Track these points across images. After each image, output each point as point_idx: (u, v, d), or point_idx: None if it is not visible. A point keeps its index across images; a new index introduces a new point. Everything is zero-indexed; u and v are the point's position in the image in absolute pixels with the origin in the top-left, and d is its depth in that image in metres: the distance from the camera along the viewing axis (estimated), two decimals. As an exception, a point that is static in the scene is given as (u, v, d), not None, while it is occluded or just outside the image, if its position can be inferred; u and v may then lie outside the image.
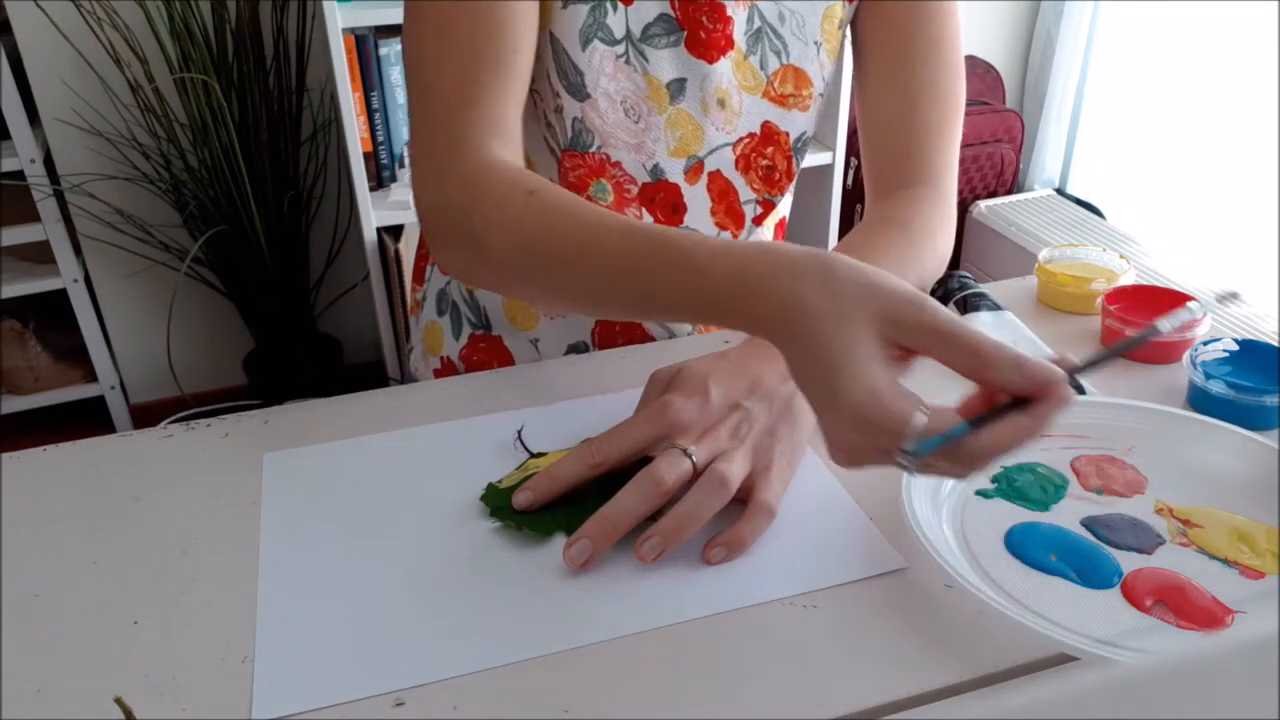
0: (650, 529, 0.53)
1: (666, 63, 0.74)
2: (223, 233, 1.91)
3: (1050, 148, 2.41)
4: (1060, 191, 2.40)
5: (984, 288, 0.77)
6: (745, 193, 0.81)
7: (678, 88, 0.75)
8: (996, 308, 0.74)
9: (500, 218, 0.60)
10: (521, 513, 0.56)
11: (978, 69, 2.36)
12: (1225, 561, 0.52)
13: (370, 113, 1.88)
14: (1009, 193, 2.38)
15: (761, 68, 0.77)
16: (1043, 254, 0.82)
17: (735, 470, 0.55)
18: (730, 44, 0.76)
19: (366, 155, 1.91)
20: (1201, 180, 2.08)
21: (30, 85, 1.88)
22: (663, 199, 0.79)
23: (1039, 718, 0.23)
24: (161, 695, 0.47)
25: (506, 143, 0.64)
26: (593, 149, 0.76)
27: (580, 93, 0.74)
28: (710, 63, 0.75)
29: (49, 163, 1.93)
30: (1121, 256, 0.81)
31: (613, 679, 0.47)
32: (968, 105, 2.27)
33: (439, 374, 0.90)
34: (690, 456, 0.55)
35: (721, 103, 0.77)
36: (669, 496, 0.54)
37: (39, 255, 1.95)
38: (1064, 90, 2.34)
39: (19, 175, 1.82)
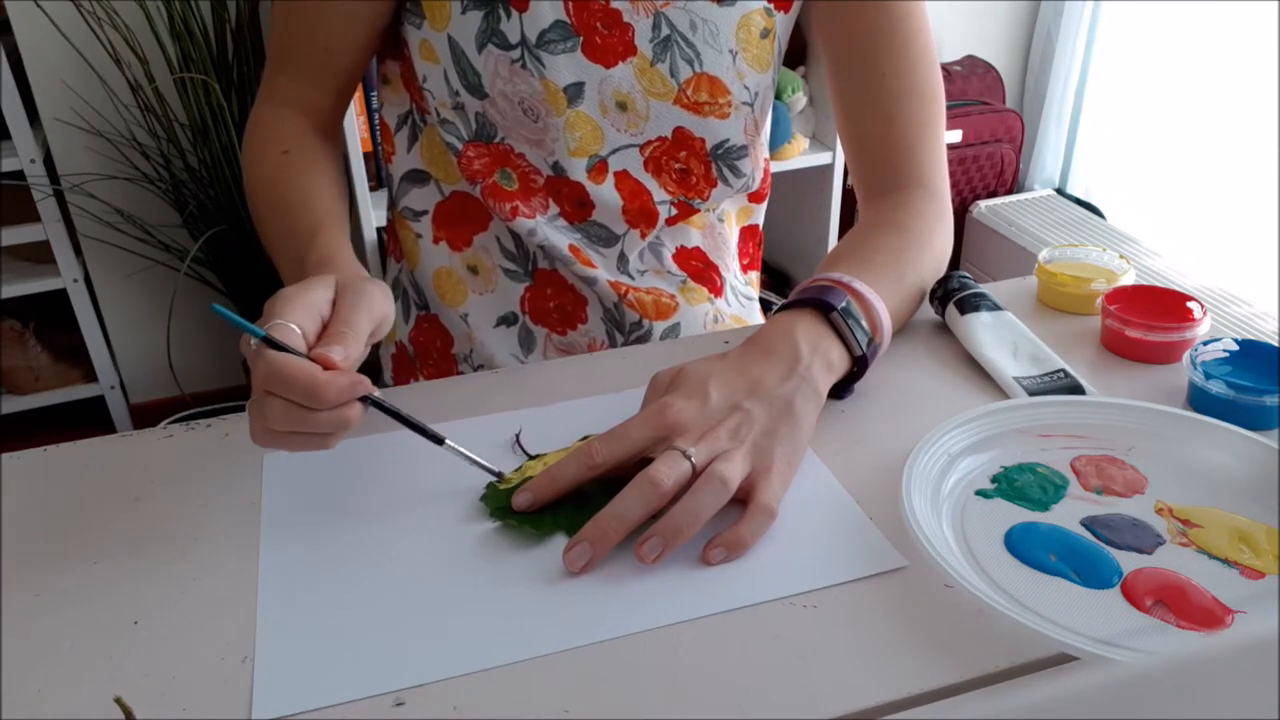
0: (650, 530, 0.53)
1: (564, 67, 0.76)
2: (223, 233, 1.91)
3: (1050, 148, 2.41)
4: (1060, 191, 2.41)
5: (984, 288, 0.77)
6: (659, 194, 0.82)
7: (576, 91, 0.77)
8: (996, 308, 0.74)
9: (252, 156, 0.79)
10: (522, 513, 0.56)
11: (978, 69, 2.36)
12: (1225, 561, 0.52)
13: (370, 113, 1.88)
14: (1009, 193, 2.38)
15: (672, 75, 0.78)
16: (1043, 254, 0.82)
17: (735, 470, 0.55)
18: (631, 50, 0.77)
19: (366, 155, 1.91)
20: (1202, 180, 2.08)
21: (30, 85, 1.88)
22: (568, 194, 0.81)
23: (1039, 718, 0.23)
24: (161, 695, 0.47)
25: (300, 111, 0.80)
26: (497, 140, 0.79)
27: (479, 92, 0.76)
28: (608, 67, 0.77)
29: (49, 163, 1.93)
30: (1121, 256, 0.81)
31: (613, 679, 0.47)
32: (968, 105, 2.29)
33: (395, 359, 0.94)
34: (689, 458, 0.55)
35: (622, 106, 0.78)
36: (668, 499, 0.54)
37: (39, 255, 1.95)
38: (1064, 90, 2.34)
39: (19, 175, 1.82)
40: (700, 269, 0.88)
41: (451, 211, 0.85)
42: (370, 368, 0.95)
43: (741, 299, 0.94)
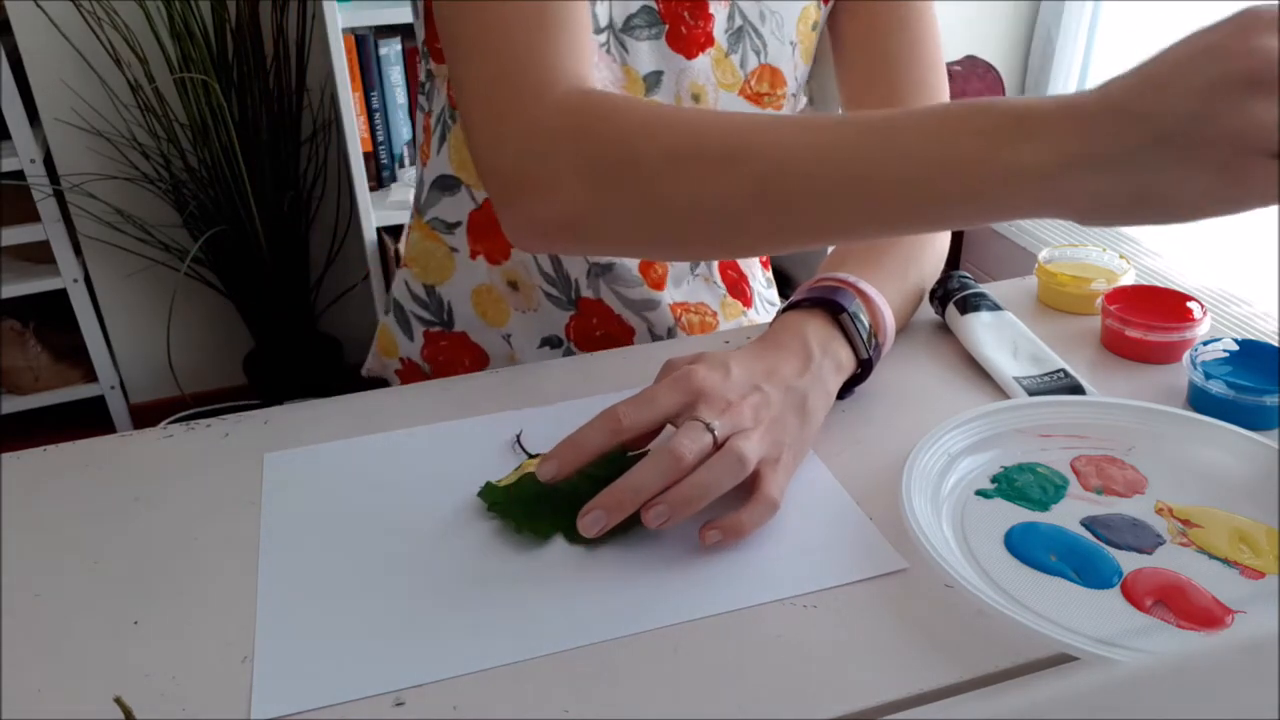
0: (661, 496, 0.52)
1: (645, 55, 0.74)
2: (223, 233, 1.91)
3: (1050, 148, 2.41)
4: (1060, 191, 2.40)
5: (984, 288, 0.77)
6: None
7: (654, 80, 0.75)
8: (996, 308, 0.74)
9: (645, 121, 0.53)
10: (519, 511, 0.56)
11: (978, 69, 2.36)
12: (1225, 561, 0.52)
13: (370, 113, 1.88)
14: (1009, 193, 2.37)
15: (741, 66, 0.77)
16: (1043, 254, 0.82)
17: (753, 450, 0.54)
18: (710, 41, 0.76)
19: (366, 155, 1.91)
20: (1201, 180, 2.08)
21: (30, 85, 1.88)
22: None
23: (1039, 718, 0.23)
24: (161, 695, 0.47)
25: (590, 73, 0.58)
26: None
27: None
28: (689, 58, 0.75)
29: (49, 163, 1.93)
30: (1121, 256, 0.81)
31: (613, 679, 0.47)
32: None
33: (401, 374, 0.90)
34: (712, 430, 0.54)
35: (696, 98, 0.77)
36: (689, 472, 0.53)
37: (39, 255, 1.95)
38: (1064, 90, 2.34)
39: (19, 175, 1.82)
40: (735, 280, 0.88)
41: (485, 222, 0.80)
42: (378, 386, 0.94)
43: (766, 305, 0.93)
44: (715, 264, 0.86)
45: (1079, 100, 0.44)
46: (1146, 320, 0.71)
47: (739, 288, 0.88)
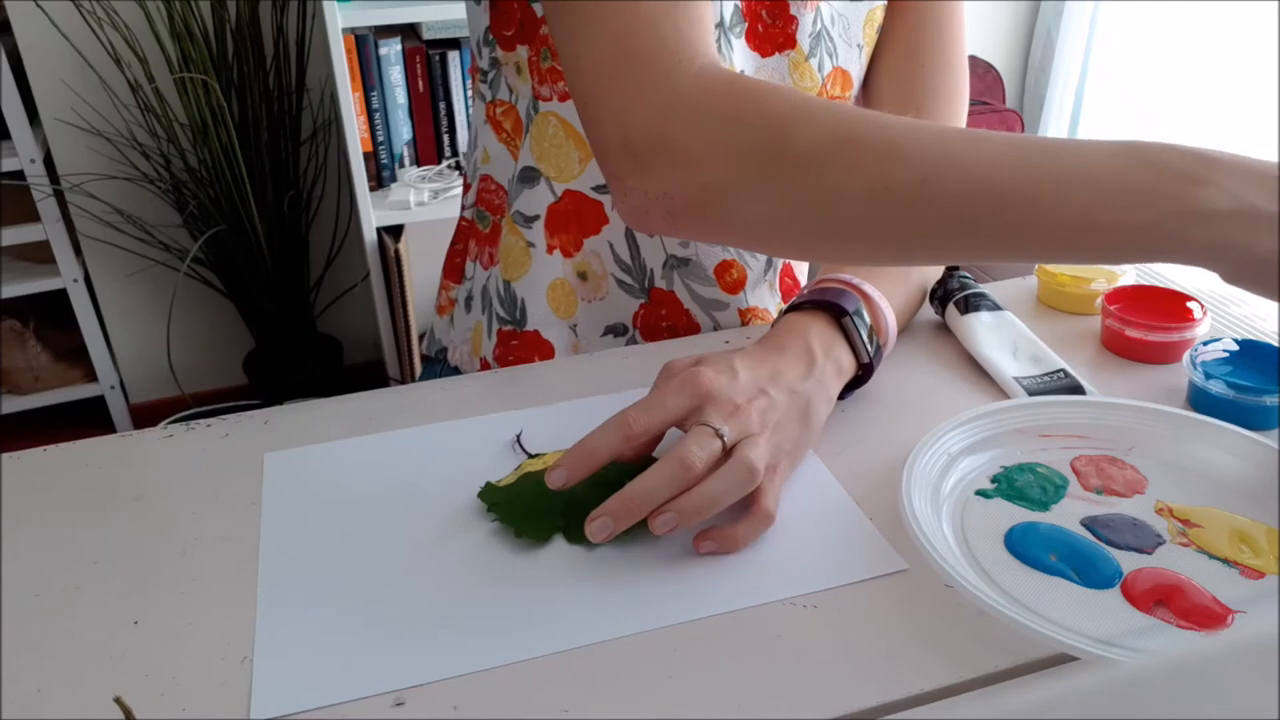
0: (668, 505, 0.52)
1: (738, 54, 0.74)
2: (223, 233, 1.91)
3: (1050, 148, 2.41)
4: (1060, 191, 2.40)
5: (984, 288, 0.77)
6: None
7: None
8: (996, 308, 0.74)
9: (799, 105, 0.52)
10: (519, 512, 0.56)
11: (978, 69, 2.36)
12: (1225, 561, 0.52)
13: (370, 113, 1.88)
14: (1009, 193, 2.37)
15: (819, 70, 0.77)
16: (1043, 254, 0.82)
17: (761, 458, 0.54)
18: (790, 43, 0.75)
19: (366, 155, 1.91)
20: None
21: (30, 85, 1.88)
22: None
23: (1039, 718, 0.23)
24: (161, 695, 0.47)
25: (716, 52, 0.57)
26: None
27: None
28: (763, 56, 0.75)
29: (49, 163, 1.93)
30: (1121, 256, 0.81)
31: (613, 679, 0.47)
32: (968, 105, 2.28)
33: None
34: (721, 436, 0.54)
35: None
36: (698, 480, 0.52)
37: (39, 255, 1.95)
38: (1064, 90, 2.34)
39: (19, 175, 1.82)
40: (790, 287, 0.87)
41: (564, 213, 0.78)
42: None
43: None
44: (779, 271, 0.85)
45: (1266, 163, 0.46)
46: (1146, 320, 0.71)
47: (791, 295, 0.87)
